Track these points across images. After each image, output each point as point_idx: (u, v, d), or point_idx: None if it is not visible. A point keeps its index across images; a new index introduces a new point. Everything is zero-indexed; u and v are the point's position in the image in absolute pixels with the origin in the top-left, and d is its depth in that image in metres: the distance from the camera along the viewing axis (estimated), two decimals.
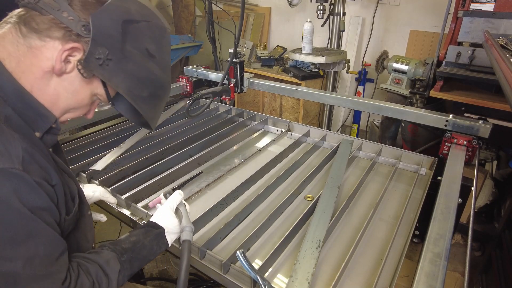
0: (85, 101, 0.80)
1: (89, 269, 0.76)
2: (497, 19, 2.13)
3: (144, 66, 0.80)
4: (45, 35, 0.68)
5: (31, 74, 0.69)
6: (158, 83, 0.85)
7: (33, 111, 0.72)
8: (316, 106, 3.43)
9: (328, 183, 1.33)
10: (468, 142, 1.48)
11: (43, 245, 0.67)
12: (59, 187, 0.73)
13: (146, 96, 0.84)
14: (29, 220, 0.64)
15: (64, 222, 0.77)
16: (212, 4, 2.67)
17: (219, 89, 1.97)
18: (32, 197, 0.65)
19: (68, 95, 0.75)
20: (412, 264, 1.01)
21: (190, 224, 0.96)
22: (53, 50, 0.69)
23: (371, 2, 3.49)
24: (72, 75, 0.73)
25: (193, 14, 5.21)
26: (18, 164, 0.63)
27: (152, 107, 0.88)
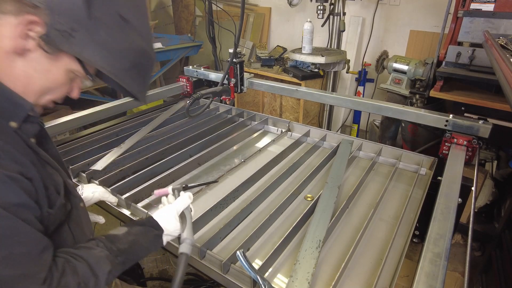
0: (61, 80, 0.72)
1: (77, 267, 0.71)
2: (497, 19, 2.13)
3: (119, 34, 0.70)
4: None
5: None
6: (138, 51, 0.76)
7: (5, 100, 0.67)
8: (316, 106, 3.43)
9: (328, 183, 1.33)
10: (468, 142, 1.48)
11: (19, 244, 0.63)
12: (37, 180, 0.69)
13: (128, 67, 0.74)
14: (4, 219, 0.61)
15: (48, 216, 0.73)
16: (212, 4, 2.67)
17: (219, 89, 1.97)
18: (6, 194, 0.61)
19: (39, 76, 0.69)
20: (412, 264, 1.01)
21: (191, 237, 0.91)
22: (8, 26, 0.62)
23: (371, 2, 3.49)
24: (38, 53, 0.66)
25: (193, 14, 5.21)
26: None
27: (137, 79, 0.79)
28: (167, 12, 4.92)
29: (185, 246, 0.88)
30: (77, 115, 1.78)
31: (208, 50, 3.81)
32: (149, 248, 0.89)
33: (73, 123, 1.77)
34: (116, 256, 0.79)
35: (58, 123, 1.70)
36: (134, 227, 0.89)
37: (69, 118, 1.75)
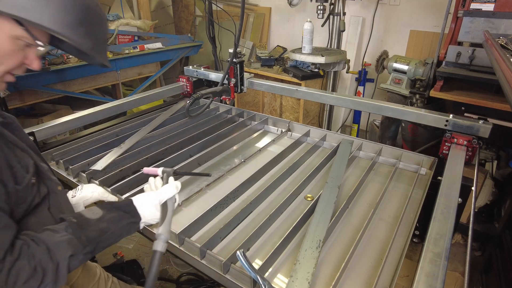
0: (7, 47, 0.69)
1: (35, 251, 0.68)
2: (497, 19, 2.13)
3: None
4: None
5: None
6: (81, 5, 0.71)
7: None
8: (316, 106, 3.43)
9: (328, 183, 1.33)
10: (468, 142, 1.48)
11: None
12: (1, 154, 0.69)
13: (71, 22, 0.69)
14: None
15: (16, 192, 0.72)
16: (212, 4, 2.66)
17: (219, 89, 1.98)
18: None
19: None
20: (412, 264, 1.01)
21: (167, 233, 0.86)
22: None
23: (371, 2, 3.49)
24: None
25: (193, 14, 5.21)
26: None
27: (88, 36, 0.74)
28: (167, 12, 4.92)
29: (159, 243, 0.83)
30: (77, 115, 1.78)
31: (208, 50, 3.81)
32: (122, 235, 0.85)
33: (73, 123, 1.77)
34: (84, 247, 0.76)
35: (58, 123, 1.70)
36: (109, 213, 0.84)
37: (69, 118, 1.75)
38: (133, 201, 0.89)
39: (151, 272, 0.80)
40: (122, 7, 3.96)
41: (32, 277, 0.65)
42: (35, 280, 0.66)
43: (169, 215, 0.90)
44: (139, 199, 0.90)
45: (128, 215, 0.86)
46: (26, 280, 0.64)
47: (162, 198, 0.91)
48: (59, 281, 0.70)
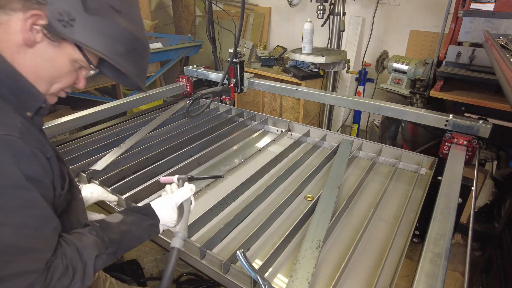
0: (66, 68, 0.80)
1: (66, 252, 0.73)
2: (497, 19, 2.13)
3: (112, 22, 0.78)
4: (8, 8, 0.70)
5: (8, 51, 0.72)
6: (131, 38, 0.83)
7: (25, 91, 0.75)
8: (316, 106, 3.43)
9: (328, 183, 1.33)
10: (468, 142, 1.48)
11: (34, 217, 0.67)
12: (54, 160, 0.75)
13: (123, 52, 0.81)
14: (23, 189, 0.65)
15: (59, 197, 0.78)
16: (212, 4, 2.66)
17: (219, 89, 1.98)
18: (29, 166, 0.67)
19: (46, 64, 0.76)
20: (412, 264, 1.01)
21: (184, 230, 0.89)
22: (18, 21, 0.70)
23: (371, 2, 3.49)
24: (44, 44, 0.74)
25: (193, 14, 5.21)
26: (16, 133, 0.66)
27: (133, 63, 0.86)
28: (167, 12, 4.92)
29: (177, 240, 0.86)
30: (77, 115, 1.79)
31: (208, 50, 3.80)
32: (142, 237, 0.89)
33: (73, 123, 1.77)
34: (107, 247, 0.80)
35: (58, 123, 1.70)
36: (129, 216, 0.89)
37: (69, 118, 1.75)
38: (151, 205, 0.94)
39: (168, 268, 0.82)
40: None
41: (64, 275, 0.70)
42: (66, 278, 0.70)
43: (185, 215, 0.93)
44: (156, 202, 0.94)
45: (147, 217, 0.90)
46: (59, 277, 0.69)
47: (178, 200, 0.95)
48: (86, 280, 0.74)
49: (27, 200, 0.66)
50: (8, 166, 0.64)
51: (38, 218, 0.68)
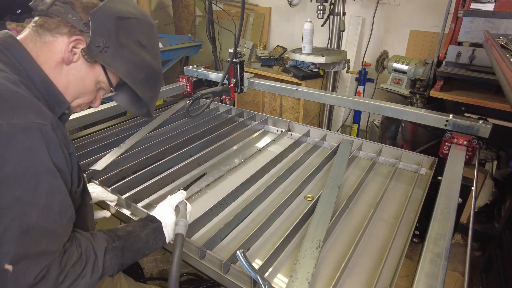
0: (91, 86, 0.93)
1: (81, 241, 0.79)
2: (497, 19, 2.13)
3: (137, 54, 0.94)
4: (55, 32, 0.83)
5: (47, 65, 0.84)
6: (151, 68, 0.99)
7: (53, 97, 0.85)
8: (316, 106, 3.43)
9: (328, 183, 1.33)
10: (468, 142, 1.48)
11: (58, 203, 0.73)
12: (74, 157, 0.83)
13: (142, 79, 0.97)
14: (53, 175, 0.72)
15: (74, 194, 0.84)
16: (212, 4, 2.66)
17: (219, 89, 1.98)
18: (57, 156, 0.74)
19: (76, 81, 0.89)
20: (412, 264, 1.01)
21: (184, 218, 0.96)
22: (62, 43, 0.84)
23: (371, 2, 3.49)
24: (79, 64, 0.87)
25: (193, 14, 5.21)
26: (49, 124, 0.74)
27: (148, 90, 1.01)
28: (167, 12, 4.92)
29: (180, 227, 0.93)
30: (77, 115, 1.78)
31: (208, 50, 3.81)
32: (149, 241, 0.91)
33: (73, 123, 1.77)
34: (114, 241, 0.85)
35: None
36: (132, 222, 0.95)
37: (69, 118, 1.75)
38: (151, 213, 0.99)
39: (175, 255, 0.86)
40: None
41: (77, 263, 0.75)
42: (79, 265, 0.75)
43: (183, 210, 1.00)
44: (154, 210, 1.00)
45: (149, 221, 0.95)
46: (73, 264, 0.74)
47: (173, 202, 1.02)
48: (94, 272, 0.77)
49: (54, 186, 0.72)
50: (42, 152, 0.70)
51: (60, 204, 0.74)
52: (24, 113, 0.71)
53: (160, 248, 0.98)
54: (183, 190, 1.07)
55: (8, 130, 0.67)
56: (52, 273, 0.69)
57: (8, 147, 0.66)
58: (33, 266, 0.67)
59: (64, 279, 0.71)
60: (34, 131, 0.70)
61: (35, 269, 0.67)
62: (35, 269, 0.67)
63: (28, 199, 0.68)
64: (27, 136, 0.69)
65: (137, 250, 0.89)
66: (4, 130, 0.66)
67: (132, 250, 0.87)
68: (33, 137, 0.70)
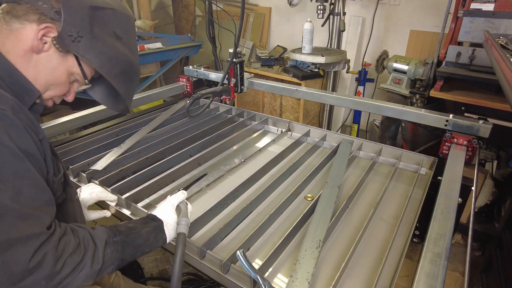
0: (63, 78, 0.89)
1: (78, 231, 0.77)
2: (497, 19, 2.13)
3: (113, 46, 0.91)
4: (23, 19, 0.80)
5: (14, 53, 0.80)
6: (127, 61, 0.96)
7: (20, 86, 0.82)
8: (316, 106, 3.43)
9: (328, 183, 1.33)
10: (468, 142, 1.48)
11: (28, 187, 0.70)
12: (46, 143, 0.80)
13: (117, 72, 0.94)
14: (17, 159, 0.69)
15: (52, 183, 0.82)
16: (212, 4, 2.66)
17: (219, 89, 1.98)
18: (21, 139, 0.71)
19: (47, 71, 0.85)
20: (412, 264, 1.01)
21: (186, 217, 0.96)
22: (30, 30, 0.80)
23: (371, 2, 3.49)
24: (50, 53, 0.84)
25: (193, 14, 5.21)
26: (8, 108, 0.70)
27: (124, 84, 0.98)
28: (167, 12, 4.92)
29: (181, 226, 0.93)
30: (77, 115, 1.78)
31: (208, 50, 3.81)
32: (149, 239, 0.90)
33: (73, 123, 1.77)
34: (115, 235, 0.83)
35: (58, 123, 1.70)
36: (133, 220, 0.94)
37: (69, 118, 1.75)
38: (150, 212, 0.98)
39: (178, 253, 0.85)
40: None
41: (75, 252, 0.73)
42: (77, 255, 0.73)
43: (184, 209, 1.00)
44: (155, 210, 0.99)
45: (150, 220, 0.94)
46: (71, 253, 0.72)
47: (173, 201, 1.01)
48: (94, 263, 0.76)
49: (20, 169, 0.70)
50: (2, 138, 0.67)
51: (31, 187, 0.71)
52: None
53: (160, 247, 0.98)
54: (183, 190, 1.07)
55: None
56: (48, 260, 0.68)
57: None
58: (22, 252, 0.65)
59: (62, 268, 0.70)
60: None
61: (24, 254, 0.65)
62: (25, 255, 0.65)
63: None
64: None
65: (137, 247, 0.88)
66: None
67: (132, 246, 0.86)
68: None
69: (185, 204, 1.03)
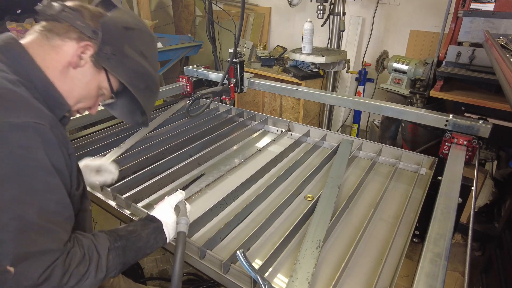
0: (94, 91, 0.96)
1: (83, 241, 0.79)
2: (497, 19, 2.13)
3: (140, 64, 0.99)
4: (65, 36, 0.87)
5: (53, 68, 0.86)
6: (151, 78, 1.04)
7: (54, 99, 0.86)
8: (316, 106, 3.43)
9: (328, 183, 1.33)
10: (468, 142, 1.48)
11: (55, 202, 0.73)
12: (74, 159, 0.84)
13: (142, 88, 1.01)
14: (49, 175, 0.73)
15: (73, 196, 0.84)
16: (212, 4, 2.67)
17: (219, 89, 1.98)
18: (55, 156, 0.75)
19: (81, 85, 0.92)
20: (412, 264, 1.01)
21: (185, 216, 0.97)
22: (70, 47, 0.87)
23: (371, 2, 3.49)
24: (85, 68, 0.90)
25: (193, 14, 5.21)
26: (47, 123, 0.74)
27: (148, 98, 1.05)
28: (167, 12, 4.92)
29: (181, 225, 0.95)
30: (77, 115, 1.78)
31: (208, 50, 3.81)
32: (150, 241, 0.91)
33: (73, 123, 1.77)
34: (116, 240, 0.85)
35: None
36: (133, 222, 0.95)
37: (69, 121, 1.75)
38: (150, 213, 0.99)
39: (178, 252, 0.87)
40: None
41: (81, 263, 0.75)
42: (83, 266, 0.75)
43: (183, 209, 1.01)
44: (154, 210, 1.00)
45: (149, 221, 0.95)
46: (77, 264, 0.74)
47: (172, 202, 1.02)
48: (98, 272, 0.78)
49: (50, 185, 0.73)
50: (38, 151, 0.71)
51: (58, 203, 0.74)
52: (21, 112, 0.71)
53: (160, 248, 0.98)
54: (181, 190, 1.08)
55: (3, 128, 0.67)
56: (57, 274, 0.69)
57: (3, 145, 0.67)
58: (35, 266, 0.66)
59: (68, 280, 0.71)
60: (31, 130, 0.70)
61: (37, 269, 0.66)
62: (38, 270, 0.66)
63: (24, 198, 0.68)
64: (24, 135, 0.69)
65: (138, 249, 0.89)
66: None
67: (133, 250, 0.87)
68: (29, 136, 0.70)
69: (183, 203, 1.03)
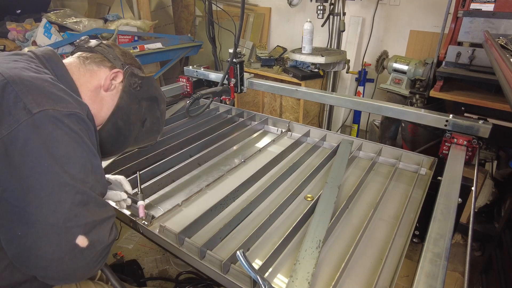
0: None
1: None
2: (497, 19, 2.13)
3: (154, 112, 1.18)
4: (100, 64, 1.03)
5: (86, 87, 0.98)
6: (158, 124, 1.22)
7: None
8: (316, 106, 3.43)
9: (328, 183, 1.33)
10: (468, 142, 1.48)
11: (101, 177, 0.85)
12: None
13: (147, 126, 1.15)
14: (94, 156, 0.83)
15: None
16: (212, 4, 2.67)
17: (219, 89, 1.98)
18: (93, 140, 0.86)
19: (108, 106, 1.03)
20: (412, 264, 1.01)
21: None
22: (104, 73, 1.02)
23: (371, 2, 3.49)
24: (113, 93, 1.04)
25: (193, 14, 5.21)
26: (85, 115, 0.84)
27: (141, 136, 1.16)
28: (167, 12, 4.92)
29: None
30: None
31: (208, 50, 3.80)
32: None
33: None
34: None
35: None
36: None
37: None
38: None
39: None
40: (122, 7, 3.96)
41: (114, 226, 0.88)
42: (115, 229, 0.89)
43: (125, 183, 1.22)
44: None
45: None
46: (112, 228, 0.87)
47: None
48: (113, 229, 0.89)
49: (96, 165, 0.83)
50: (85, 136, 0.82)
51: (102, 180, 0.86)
52: (66, 102, 0.81)
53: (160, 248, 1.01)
54: None
55: (54, 114, 0.76)
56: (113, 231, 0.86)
57: (57, 129, 0.76)
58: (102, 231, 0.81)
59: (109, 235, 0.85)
60: (76, 117, 0.80)
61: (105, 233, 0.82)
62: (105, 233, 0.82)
63: (81, 177, 0.78)
64: (71, 121, 0.78)
65: None
66: (50, 114, 0.75)
67: None
68: (76, 122, 0.80)
69: None
